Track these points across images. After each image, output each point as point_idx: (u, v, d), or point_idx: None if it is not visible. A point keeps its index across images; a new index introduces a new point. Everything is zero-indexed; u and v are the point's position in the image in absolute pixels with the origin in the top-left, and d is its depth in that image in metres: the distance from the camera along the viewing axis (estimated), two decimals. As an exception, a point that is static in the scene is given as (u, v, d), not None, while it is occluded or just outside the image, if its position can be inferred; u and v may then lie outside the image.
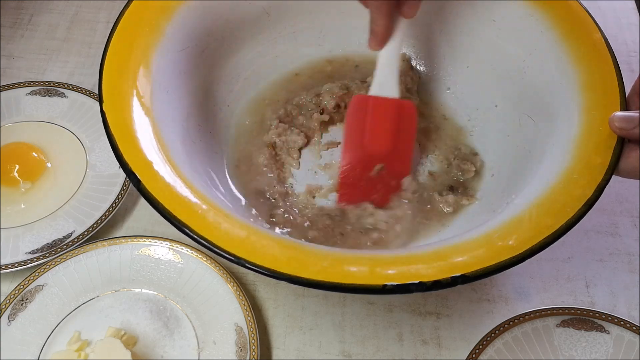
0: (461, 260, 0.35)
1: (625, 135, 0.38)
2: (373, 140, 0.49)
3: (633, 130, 0.38)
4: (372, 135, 0.49)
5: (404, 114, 0.49)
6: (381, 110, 0.49)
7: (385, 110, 0.49)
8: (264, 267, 0.34)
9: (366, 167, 0.49)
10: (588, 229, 0.55)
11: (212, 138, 0.52)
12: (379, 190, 0.49)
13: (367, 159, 0.49)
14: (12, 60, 0.65)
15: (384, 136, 0.49)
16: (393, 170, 0.49)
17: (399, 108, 0.49)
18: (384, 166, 0.49)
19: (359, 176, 0.49)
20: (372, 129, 0.49)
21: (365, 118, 0.49)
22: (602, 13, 0.70)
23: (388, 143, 0.49)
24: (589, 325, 0.48)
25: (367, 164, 0.49)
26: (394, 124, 0.49)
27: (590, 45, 0.45)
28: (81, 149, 0.57)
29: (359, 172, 0.49)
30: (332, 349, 0.48)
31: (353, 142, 0.50)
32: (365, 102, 0.49)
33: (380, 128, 0.49)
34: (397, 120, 0.49)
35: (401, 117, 0.49)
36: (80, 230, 0.52)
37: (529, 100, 0.48)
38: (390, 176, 0.49)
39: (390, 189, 0.49)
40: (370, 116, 0.49)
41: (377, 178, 0.49)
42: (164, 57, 0.46)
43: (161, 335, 0.47)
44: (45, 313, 0.47)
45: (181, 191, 0.38)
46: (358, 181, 0.49)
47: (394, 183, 0.49)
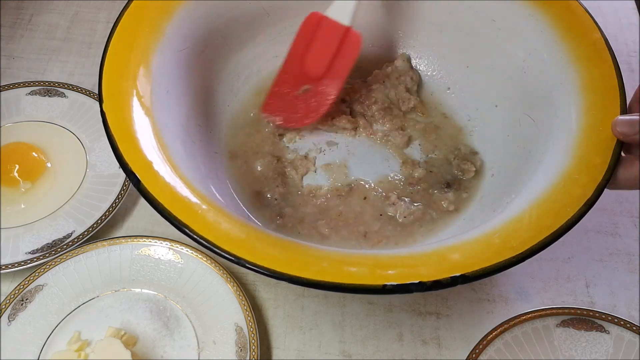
0: (461, 260, 0.35)
1: (628, 141, 0.38)
2: (311, 61, 0.51)
3: (635, 136, 0.37)
4: (312, 56, 0.51)
5: (348, 42, 0.51)
6: (328, 33, 0.51)
7: (331, 34, 0.51)
8: (264, 267, 0.34)
9: (296, 84, 0.52)
10: (588, 229, 0.55)
11: (212, 138, 0.52)
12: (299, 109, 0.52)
13: (300, 78, 0.52)
14: (12, 60, 0.65)
15: (322, 60, 0.51)
16: (319, 94, 0.52)
17: (344, 36, 0.50)
18: (310, 87, 0.51)
19: (287, 90, 0.52)
20: (314, 50, 0.51)
21: (312, 37, 0.51)
22: (602, 13, 0.71)
23: (323, 67, 0.51)
24: (589, 325, 0.48)
25: (298, 81, 0.52)
26: (334, 50, 0.51)
27: (590, 45, 0.45)
28: (81, 149, 0.57)
29: (289, 86, 0.52)
30: (332, 349, 0.48)
31: (294, 58, 0.52)
32: (318, 20, 0.51)
33: (321, 51, 0.51)
34: (339, 48, 0.51)
35: (344, 44, 0.51)
36: (80, 230, 0.52)
37: (529, 100, 0.48)
38: (315, 98, 0.52)
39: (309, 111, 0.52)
40: (317, 36, 0.51)
41: (300, 98, 0.52)
42: (164, 57, 0.46)
43: (161, 335, 0.47)
44: (45, 313, 0.47)
45: (181, 191, 0.38)
46: (284, 94, 0.52)
47: (315, 105, 0.52)
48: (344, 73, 0.51)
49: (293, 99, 0.52)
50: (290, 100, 0.52)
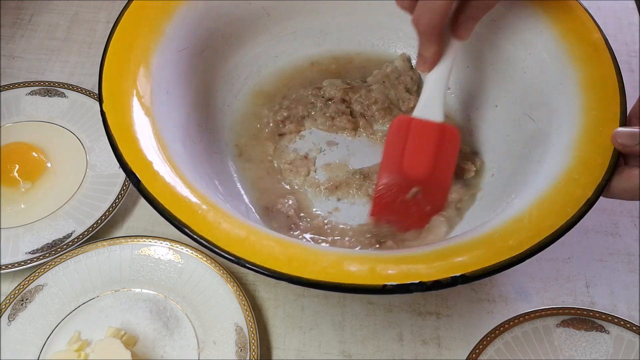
0: (461, 260, 0.35)
1: (628, 152, 0.38)
2: (412, 162, 0.47)
3: (635, 147, 0.37)
4: (412, 157, 0.47)
5: (446, 139, 0.47)
6: (423, 133, 0.47)
7: (427, 133, 0.47)
8: (264, 267, 0.34)
9: (402, 189, 0.47)
10: (588, 229, 0.55)
11: (212, 138, 0.52)
12: (412, 214, 0.48)
13: (404, 181, 0.47)
14: (12, 60, 0.65)
15: (423, 159, 0.47)
16: (429, 196, 0.48)
17: (441, 133, 0.47)
18: (420, 190, 0.47)
19: (394, 197, 0.48)
20: (412, 151, 0.47)
21: (406, 139, 0.47)
22: (602, 13, 0.71)
23: (427, 166, 0.47)
24: (589, 325, 0.48)
25: (404, 186, 0.47)
26: (434, 148, 0.47)
27: (590, 45, 0.45)
28: (81, 149, 0.57)
29: (394, 193, 0.48)
30: (332, 349, 0.48)
31: (391, 163, 0.48)
32: (408, 123, 0.47)
33: (420, 151, 0.47)
34: (439, 145, 0.47)
35: (443, 142, 0.47)
36: (80, 230, 0.52)
37: (529, 100, 0.48)
38: (426, 201, 0.48)
39: (423, 215, 0.48)
40: (411, 138, 0.47)
41: (411, 202, 0.47)
42: (164, 57, 0.46)
43: (161, 335, 0.47)
44: (45, 313, 0.47)
45: (181, 191, 0.38)
46: (392, 202, 0.48)
47: (428, 209, 0.48)
48: (451, 169, 0.48)
49: (403, 204, 0.48)
50: (401, 206, 0.48)
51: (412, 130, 0.47)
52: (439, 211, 0.48)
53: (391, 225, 0.48)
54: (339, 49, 0.59)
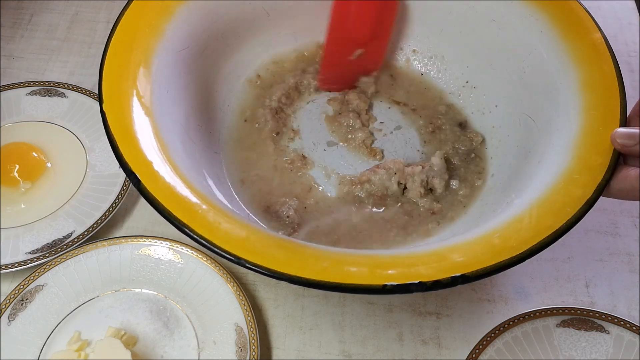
0: (461, 260, 0.35)
1: (627, 152, 0.38)
2: (357, 24, 0.52)
3: (634, 146, 0.38)
4: (357, 20, 0.52)
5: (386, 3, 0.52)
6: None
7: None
8: (264, 267, 0.34)
9: (347, 49, 0.53)
10: (588, 229, 0.55)
11: (212, 138, 0.52)
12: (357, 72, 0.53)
13: (350, 43, 0.52)
14: (12, 60, 0.65)
15: (367, 22, 0.52)
16: (370, 55, 0.53)
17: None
18: (363, 51, 0.52)
19: (340, 58, 0.53)
20: (354, 17, 0.52)
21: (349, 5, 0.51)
22: (602, 13, 0.71)
23: (371, 29, 0.52)
24: (589, 325, 0.48)
25: (349, 46, 0.52)
26: (376, 13, 0.52)
27: (590, 45, 0.45)
28: (81, 149, 0.57)
29: (340, 54, 0.53)
30: (332, 349, 0.48)
31: (337, 26, 0.52)
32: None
33: (362, 16, 0.52)
34: (380, 10, 0.52)
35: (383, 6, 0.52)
36: (80, 230, 0.52)
37: (529, 100, 0.48)
38: (368, 60, 0.53)
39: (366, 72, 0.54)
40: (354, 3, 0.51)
41: (355, 62, 0.53)
42: (164, 57, 0.46)
43: (161, 335, 0.47)
44: (45, 313, 0.47)
45: (181, 191, 0.38)
46: (339, 63, 0.53)
47: (370, 67, 0.54)
48: (389, 29, 0.53)
49: (348, 65, 0.53)
50: (346, 66, 0.53)
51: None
52: (377, 68, 0.55)
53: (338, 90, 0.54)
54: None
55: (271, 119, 0.54)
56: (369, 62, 0.55)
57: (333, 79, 0.55)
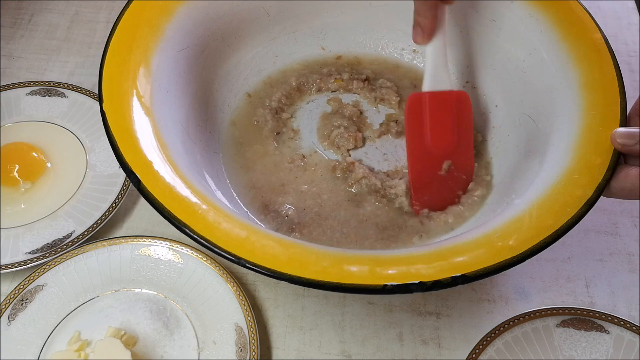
0: (461, 260, 0.35)
1: (627, 152, 0.38)
2: (436, 138, 0.48)
3: (634, 146, 0.38)
4: (435, 133, 0.48)
5: (460, 105, 0.48)
6: (439, 106, 0.47)
7: (442, 104, 0.47)
8: (264, 267, 0.34)
9: (434, 166, 0.48)
10: (588, 229, 0.55)
11: (212, 138, 0.52)
12: (452, 187, 0.49)
13: (434, 159, 0.48)
14: (12, 60, 0.65)
15: (446, 132, 0.48)
16: (460, 164, 0.48)
17: (454, 100, 0.48)
18: (452, 162, 0.48)
19: (430, 178, 0.48)
20: (434, 126, 0.48)
21: (424, 116, 0.48)
22: (602, 13, 0.71)
23: (452, 138, 0.48)
24: (589, 325, 0.48)
25: (435, 163, 0.48)
26: (453, 118, 0.48)
27: (590, 45, 0.45)
28: (81, 149, 0.57)
29: (429, 174, 0.48)
30: (332, 349, 0.48)
31: (416, 145, 0.48)
32: (421, 99, 0.48)
33: (441, 124, 0.48)
34: (456, 113, 0.48)
35: (458, 109, 0.48)
36: (80, 230, 0.52)
37: (529, 100, 0.48)
38: (459, 171, 0.48)
39: (462, 184, 0.49)
40: (429, 113, 0.47)
41: (447, 176, 0.48)
42: (164, 57, 0.46)
43: (161, 335, 0.47)
44: (45, 313, 0.47)
45: (181, 191, 0.38)
46: (430, 183, 0.48)
47: (464, 177, 0.49)
48: (470, 133, 0.49)
49: (440, 182, 0.48)
50: (439, 184, 0.48)
51: (426, 105, 0.47)
52: (471, 176, 0.49)
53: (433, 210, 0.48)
54: (339, 49, 0.59)
55: (271, 118, 0.54)
56: (461, 172, 0.49)
57: (429, 202, 0.49)
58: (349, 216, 0.49)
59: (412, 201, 0.49)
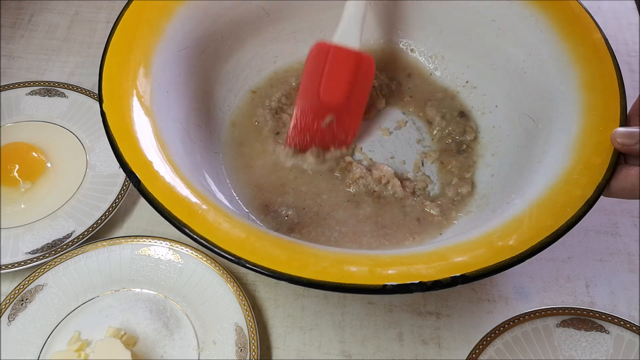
0: (461, 260, 0.35)
1: (627, 151, 0.38)
2: (328, 90, 0.49)
3: (634, 145, 0.38)
4: (328, 85, 0.48)
5: (362, 67, 0.49)
6: (340, 60, 0.48)
7: (344, 60, 0.48)
8: (264, 267, 0.34)
9: (318, 116, 0.49)
10: (588, 229, 0.55)
11: (212, 138, 0.52)
12: (327, 141, 0.50)
13: (320, 109, 0.49)
14: (12, 60, 0.65)
15: (339, 87, 0.49)
16: (343, 124, 0.50)
17: (358, 60, 0.48)
18: (334, 118, 0.49)
19: (310, 124, 0.50)
20: (329, 79, 0.48)
21: (324, 66, 0.48)
22: (602, 13, 0.71)
23: (342, 95, 0.49)
24: (589, 325, 0.48)
25: (319, 113, 0.49)
26: (350, 76, 0.48)
27: (590, 45, 0.45)
28: (81, 149, 0.57)
29: (310, 120, 0.50)
30: (332, 349, 0.48)
31: (308, 89, 0.50)
32: (326, 50, 0.49)
33: (336, 79, 0.49)
34: (355, 73, 0.49)
35: (359, 70, 0.49)
36: (80, 230, 0.52)
37: (529, 100, 0.48)
38: (340, 129, 0.50)
39: (337, 143, 0.50)
40: (329, 65, 0.48)
41: (326, 129, 0.50)
42: (164, 57, 0.46)
43: (161, 335, 0.47)
44: (45, 313, 0.47)
45: (181, 191, 0.38)
46: (308, 129, 0.50)
47: (342, 137, 0.50)
48: (364, 98, 0.50)
49: (318, 131, 0.50)
50: (315, 132, 0.50)
51: (330, 56, 0.48)
52: (352, 140, 0.51)
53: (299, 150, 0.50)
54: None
55: (271, 119, 0.54)
56: (340, 132, 0.51)
57: (300, 143, 0.51)
58: (348, 216, 0.49)
59: (287, 136, 0.51)
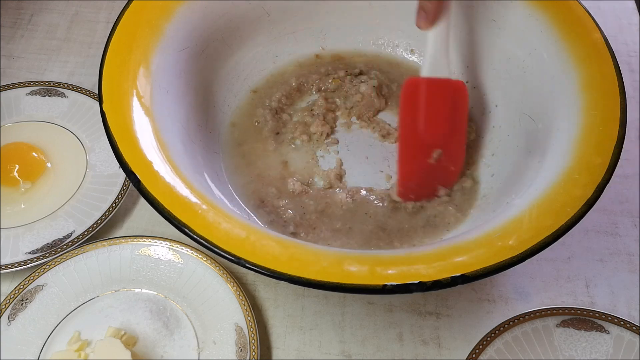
0: (461, 260, 0.35)
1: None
2: (430, 125, 0.47)
3: None
4: (429, 120, 0.47)
5: (457, 94, 0.47)
6: (435, 92, 0.47)
7: (439, 91, 0.47)
8: (264, 267, 0.34)
9: (424, 154, 0.47)
10: (588, 229, 0.55)
11: (212, 138, 0.52)
12: (439, 177, 0.48)
13: (425, 146, 0.47)
14: (12, 60, 0.65)
15: (440, 120, 0.47)
16: (450, 154, 0.48)
17: (452, 88, 0.47)
18: (442, 152, 0.47)
19: (419, 165, 0.48)
20: (428, 112, 0.47)
21: (419, 102, 0.47)
22: (602, 13, 0.70)
23: (445, 127, 0.47)
24: (589, 325, 0.48)
25: (425, 151, 0.47)
26: (449, 106, 0.47)
27: (590, 45, 0.45)
28: (81, 149, 0.57)
29: (418, 161, 0.48)
30: (332, 349, 0.48)
31: (409, 129, 0.48)
32: (418, 84, 0.47)
33: (436, 111, 0.47)
34: (452, 102, 0.47)
35: (455, 97, 0.47)
36: (80, 230, 0.52)
37: (529, 100, 0.48)
38: (448, 161, 0.48)
39: (450, 175, 0.48)
40: (425, 99, 0.47)
41: (436, 165, 0.48)
42: (164, 57, 0.46)
43: (161, 335, 0.47)
44: (45, 313, 0.47)
45: (181, 191, 0.38)
46: (418, 171, 0.48)
47: (452, 169, 0.48)
48: (465, 124, 0.48)
49: (429, 169, 0.48)
50: (427, 171, 0.48)
51: (423, 90, 0.47)
52: (461, 168, 0.49)
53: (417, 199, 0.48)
54: (339, 49, 0.59)
55: (271, 119, 0.54)
56: (450, 163, 0.48)
57: (414, 188, 0.48)
58: (346, 216, 0.49)
59: (399, 188, 0.49)
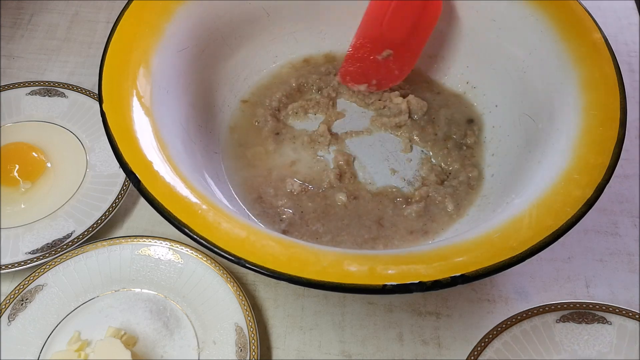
0: (461, 260, 0.35)
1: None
2: (391, 24, 0.50)
3: None
4: (392, 19, 0.50)
5: (428, 10, 0.50)
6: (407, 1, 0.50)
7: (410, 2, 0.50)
8: (264, 267, 0.34)
9: (376, 47, 0.51)
10: (588, 229, 0.55)
11: (212, 138, 0.52)
12: (381, 74, 0.51)
13: (380, 41, 0.50)
14: (12, 60, 0.65)
15: (402, 23, 0.50)
16: (399, 60, 0.51)
17: (424, 3, 0.50)
18: (392, 53, 0.51)
19: (367, 54, 0.51)
20: (393, 14, 0.50)
21: (390, 2, 0.50)
22: (602, 13, 0.70)
23: (404, 31, 0.50)
24: (589, 318, 0.47)
25: (378, 46, 0.51)
26: (414, 16, 0.50)
27: (590, 45, 0.45)
28: (81, 149, 0.57)
29: (368, 51, 0.51)
30: (332, 349, 0.48)
31: (371, 21, 0.51)
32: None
33: (400, 15, 0.50)
34: (419, 14, 0.50)
35: (424, 12, 0.50)
36: (80, 230, 0.52)
37: (529, 100, 0.48)
38: (395, 64, 0.51)
39: (391, 78, 0.51)
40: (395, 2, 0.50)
41: (382, 62, 0.51)
42: (164, 57, 0.46)
43: (161, 335, 0.47)
44: (45, 313, 0.47)
45: (181, 191, 0.38)
46: (364, 59, 0.51)
47: (396, 72, 0.51)
48: (425, 38, 0.51)
49: (373, 63, 0.51)
50: (371, 64, 0.51)
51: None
52: (403, 77, 0.52)
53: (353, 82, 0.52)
54: (338, 49, 0.59)
55: (271, 119, 0.54)
56: (395, 67, 0.52)
57: (354, 74, 0.53)
58: (346, 215, 0.49)
59: (340, 69, 0.53)
